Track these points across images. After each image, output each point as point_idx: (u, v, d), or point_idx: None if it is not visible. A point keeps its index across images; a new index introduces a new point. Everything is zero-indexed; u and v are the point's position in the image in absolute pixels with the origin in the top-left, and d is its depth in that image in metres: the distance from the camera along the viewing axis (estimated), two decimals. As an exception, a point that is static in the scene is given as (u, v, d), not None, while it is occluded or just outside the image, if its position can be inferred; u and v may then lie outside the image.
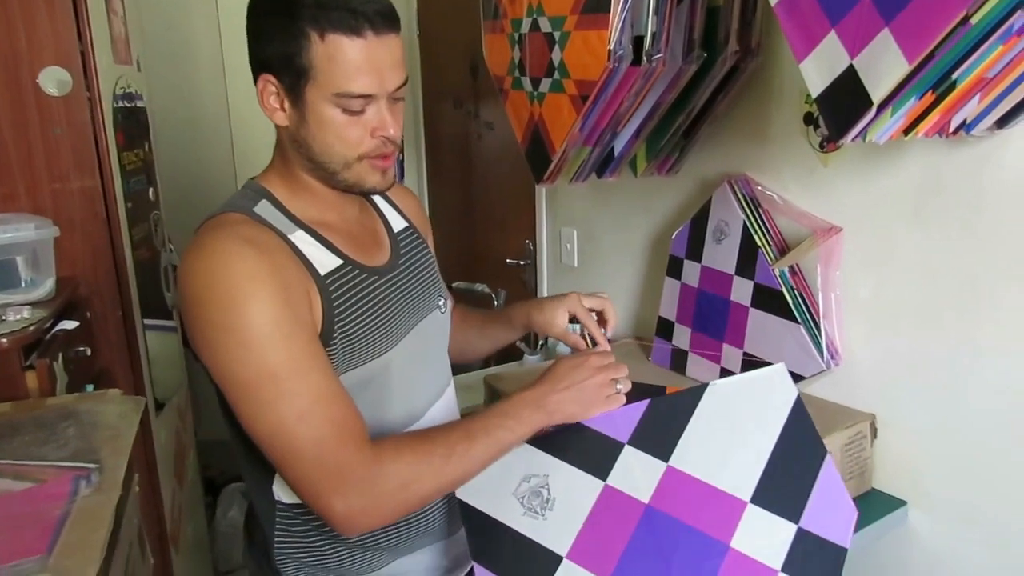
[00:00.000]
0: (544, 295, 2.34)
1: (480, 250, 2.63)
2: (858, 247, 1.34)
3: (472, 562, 0.86)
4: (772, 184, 1.47)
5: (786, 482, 0.82)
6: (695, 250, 1.60)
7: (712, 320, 1.56)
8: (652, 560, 0.80)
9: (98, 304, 1.58)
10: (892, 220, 1.29)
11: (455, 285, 2.45)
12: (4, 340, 1.17)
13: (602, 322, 1.05)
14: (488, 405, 0.83)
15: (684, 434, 0.84)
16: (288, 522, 0.91)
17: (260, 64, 0.83)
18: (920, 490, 1.32)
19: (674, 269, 1.66)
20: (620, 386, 0.88)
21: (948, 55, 0.82)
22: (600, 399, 0.86)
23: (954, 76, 0.87)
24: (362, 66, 0.79)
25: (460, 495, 0.88)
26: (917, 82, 0.84)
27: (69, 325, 1.35)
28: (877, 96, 0.83)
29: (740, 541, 0.80)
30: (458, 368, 2.03)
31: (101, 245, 1.58)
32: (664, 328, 1.68)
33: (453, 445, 0.80)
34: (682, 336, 1.63)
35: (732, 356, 1.51)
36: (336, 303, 0.84)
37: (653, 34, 1.23)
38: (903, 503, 1.34)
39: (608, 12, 1.19)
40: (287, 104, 0.83)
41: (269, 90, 0.83)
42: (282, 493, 0.91)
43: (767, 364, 0.90)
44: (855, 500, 1.30)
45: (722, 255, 1.53)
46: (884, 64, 0.81)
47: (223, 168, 2.87)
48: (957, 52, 0.82)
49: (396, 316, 0.91)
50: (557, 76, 1.35)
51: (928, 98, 0.90)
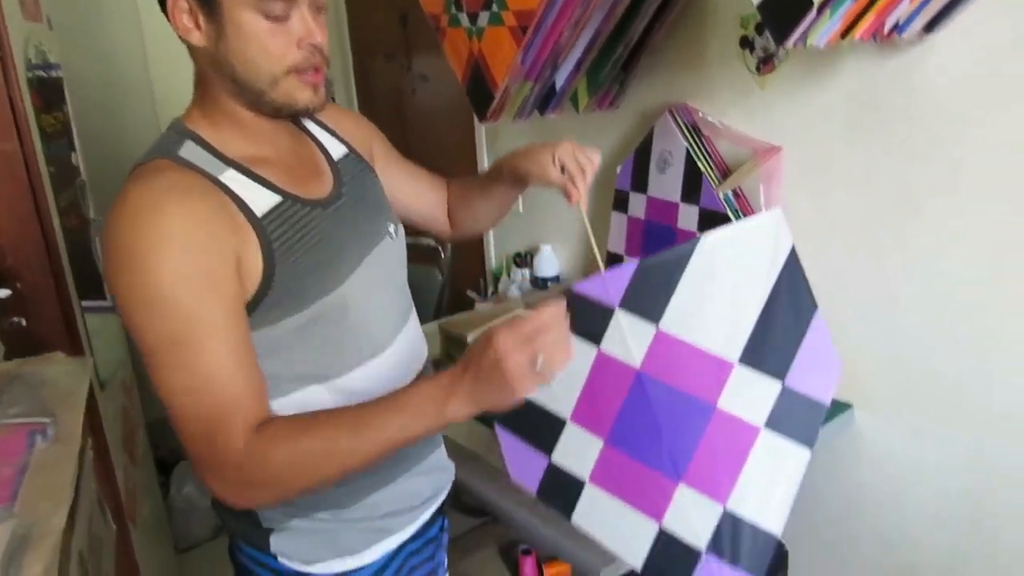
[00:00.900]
0: (491, 244, 2.34)
1: (423, 205, 2.60)
2: (798, 165, 1.38)
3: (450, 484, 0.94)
4: (712, 110, 1.50)
5: (775, 339, 0.82)
6: (640, 182, 1.62)
7: (661, 250, 1.58)
8: (643, 422, 0.84)
9: (28, 274, 1.49)
10: (828, 135, 1.33)
11: (401, 240, 2.42)
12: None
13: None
14: (403, 390, 0.76)
15: (675, 294, 0.82)
16: None
17: None
18: (864, 391, 1.39)
19: (620, 203, 1.68)
20: (540, 365, 0.74)
21: (882, -48, 0.84)
22: (518, 385, 0.74)
23: (887, -25, 0.90)
24: None
25: None
26: (853, -19, 0.86)
27: (1, 294, 1.28)
28: (816, -4, 0.85)
29: (726, 401, 0.82)
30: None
31: (25, 212, 1.49)
32: (614, 263, 1.70)
33: (338, 441, 0.76)
34: (632, 268, 1.65)
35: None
36: (277, 243, 0.80)
37: (590, -40, 1.23)
38: (849, 406, 1.41)
39: (545, -62, 1.18)
40: (202, 20, 0.77)
41: (180, 7, 0.77)
42: None
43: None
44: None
45: (667, 184, 1.56)
46: (822, -37, 0.83)
47: (145, 125, 2.74)
48: (890, -51, 0.85)
49: (344, 249, 0.87)
50: (495, 8, 1.33)
51: (863, -1, 0.92)
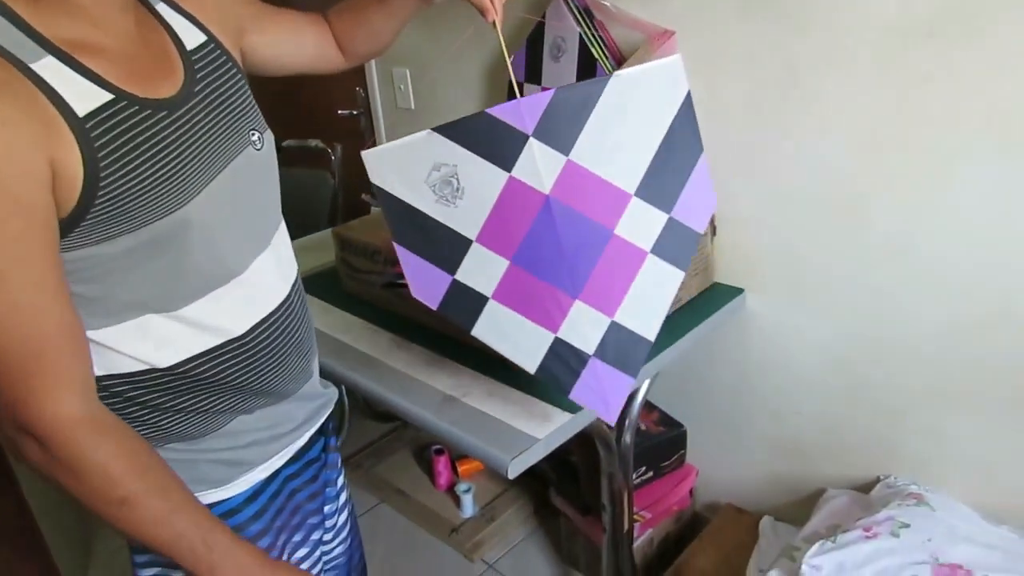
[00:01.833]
0: (383, 142, 2.22)
1: (308, 104, 2.43)
2: (691, 49, 1.35)
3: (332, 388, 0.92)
4: (604, -8, 1.43)
5: (665, 176, 0.93)
6: (534, 72, 1.56)
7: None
8: (548, 243, 0.91)
9: None
10: (721, 18, 1.30)
11: (286, 144, 2.27)
12: None
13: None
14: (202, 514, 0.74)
15: (585, 127, 0.88)
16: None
17: None
18: (755, 276, 1.44)
19: (515, 95, 1.61)
20: None
21: None
22: None
23: None
24: None
25: (375, 180, 0.92)
26: None
27: None
28: None
29: (622, 228, 0.93)
30: (302, 230, 1.94)
31: None
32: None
33: (153, 498, 0.70)
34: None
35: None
36: (102, 152, 0.67)
37: None
38: (740, 291, 1.46)
39: None
40: None
41: None
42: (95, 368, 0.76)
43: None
44: (699, 295, 1.43)
45: (561, 73, 1.50)
46: None
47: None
48: None
49: (193, 161, 0.74)
50: None
51: None
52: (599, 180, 0.91)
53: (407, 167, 0.91)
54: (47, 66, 0.65)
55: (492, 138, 0.87)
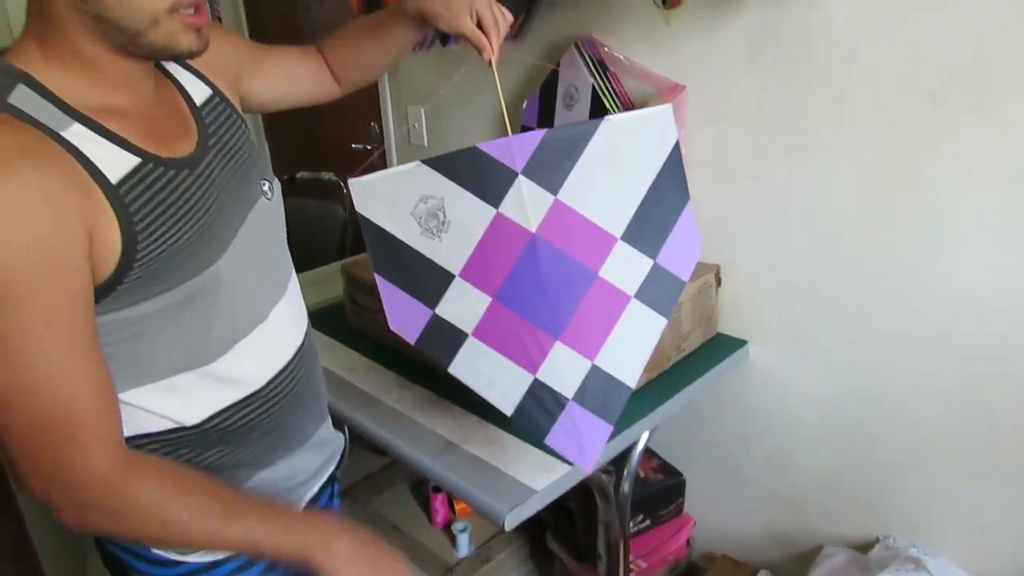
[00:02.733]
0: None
1: (323, 137, 2.47)
2: (700, 103, 1.38)
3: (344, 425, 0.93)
4: (618, 45, 1.46)
5: (652, 222, 0.93)
6: (546, 118, 1.58)
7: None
8: (532, 281, 0.90)
9: None
10: (730, 73, 1.32)
11: (299, 175, 2.30)
12: None
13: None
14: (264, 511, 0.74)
15: (575, 168, 0.88)
16: None
17: None
18: (758, 327, 1.45)
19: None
20: None
21: None
22: None
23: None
24: None
25: (360, 209, 0.91)
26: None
27: None
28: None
29: (607, 271, 0.93)
30: (311, 263, 1.96)
31: None
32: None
33: (207, 518, 0.71)
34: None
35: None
36: (137, 216, 0.68)
37: None
38: (744, 343, 1.46)
39: None
40: None
41: None
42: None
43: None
44: (702, 346, 1.44)
45: (573, 121, 1.52)
46: None
47: None
48: None
49: (218, 217, 0.76)
50: (390, -72, 1.23)
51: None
52: (586, 221, 0.91)
53: (394, 197, 0.90)
54: (76, 133, 0.66)
55: (481, 173, 0.87)
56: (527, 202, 0.87)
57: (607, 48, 1.47)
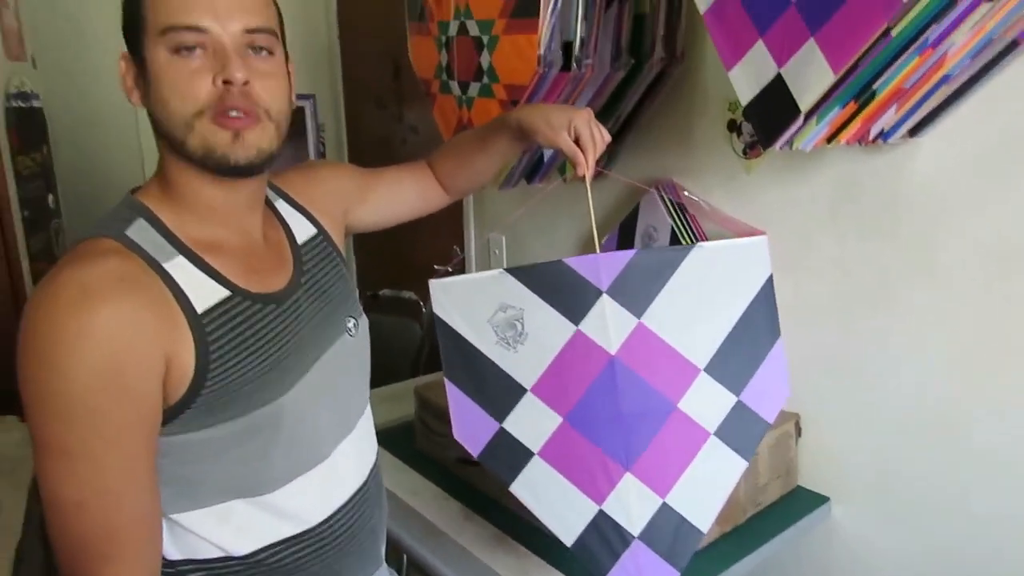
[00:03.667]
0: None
1: (407, 256, 2.58)
2: (780, 250, 1.36)
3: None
4: (698, 189, 1.49)
5: (739, 356, 0.89)
6: (624, 255, 1.61)
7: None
8: (607, 406, 0.86)
9: (-9, 321, 1.45)
10: (811, 224, 1.33)
11: (382, 292, 2.39)
12: None
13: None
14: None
15: (661, 293, 0.86)
16: None
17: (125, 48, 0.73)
18: (842, 485, 1.37)
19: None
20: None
21: (870, 66, 0.84)
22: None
23: (875, 86, 0.90)
24: None
25: (437, 311, 0.90)
26: (841, 91, 0.86)
27: (-42, 345, 1.23)
28: (805, 104, 0.84)
29: (686, 403, 0.88)
30: (385, 378, 2.00)
31: (-7, 257, 1.46)
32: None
33: None
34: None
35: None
36: (214, 346, 0.71)
37: (582, 40, 1.23)
38: (826, 499, 1.38)
39: (537, 17, 1.18)
40: (139, 76, 0.72)
41: (124, 69, 0.73)
42: (172, 550, 0.78)
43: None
44: (780, 500, 1.37)
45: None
46: (811, 74, 0.83)
47: (130, 171, 2.72)
48: (878, 63, 0.85)
49: (293, 353, 0.78)
50: (486, 80, 1.33)
51: (851, 107, 0.92)
52: (669, 349, 0.87)
53: (473, 303, 0.89)
54: (177, 264, 0.72)
55: (565, 288, 0.86)
56: (609, 323, 0.85)
57: (687, 192, 1.50)
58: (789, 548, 1.39)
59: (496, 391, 0.90)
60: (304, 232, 0.89)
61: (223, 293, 0.74)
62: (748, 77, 0.89)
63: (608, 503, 0.88)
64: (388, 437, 1.55)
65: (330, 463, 0.83)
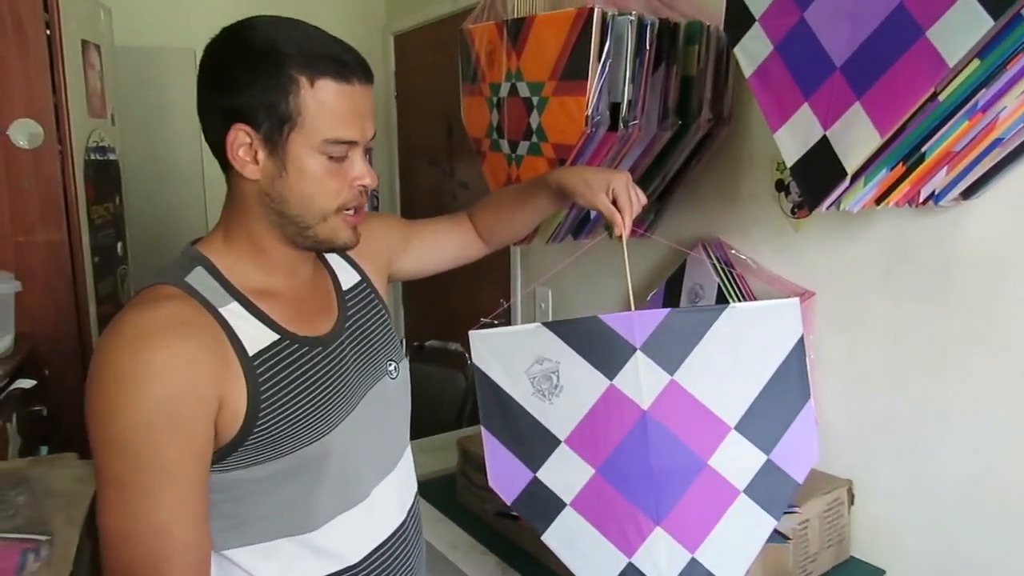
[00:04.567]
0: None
1: (454, 308, 2.62)
2: (830, 311, 1.35)
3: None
4: (745, 248, 1.49)
5: (769, 415, 0.90)
6: (670, 312, 1.61)
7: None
8: (638, 460, 0.89)
9: (57, 361, 1.53)
10: (862, 285, 1.30)
11: (428, 344, 2.42)
12: (-45, 400, 1.12)
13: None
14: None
15: (694, 351, 0.89)
16: None
17: (231, 114, 0.76)
18: (899, 557, 1.31)
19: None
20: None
21: (917, 129, 0.84)
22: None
23: (923, 149, 0.90)
24: (348, 112, 0.77)
25: (476, 361, 0.93)
26: (889, 154, 0.86)
27: (26, 384, 1.30)
28: (851, 166, 0.85)
29: (717, 460, 0.90)
30: (428, 429, 2.01)
31: (64, 300, 1.54)
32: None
33: None
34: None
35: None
36: (264, 386, 0.76)
37: (629, 101, 1.26)
38: (882, 572, 1.32)
39: (586, 79, 1.22)
40: (262, 155, 0.77)
41: (241, 140, 0.77)
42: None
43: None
44: (832, 570, 1.31)
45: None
46: (857, 136, 0.83)
47: (195, 222, 2.85)
48: (926, 127, 0.85)
49: (338, 393, 0.82)
50: (535, 139, 1.37)
51: (899, 170, 0.92)
52: (700, 406, 0.90)
53: (511, 354, 0.93)
54: (231, 310, 0.77)
55: (600, 343, 0.89)
56: (642, 379, 0.88)
57: (734, 251, 1.50)
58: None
59: (531, 441, 0.93)
60: (348, 280, 0.94)
61: (273, 336, 0.79)
62: (794, 139, 0.90)
63: (638, 556, 0.90)
64: (430, 488, 1.55)
65: (370, 502, 0.86)
